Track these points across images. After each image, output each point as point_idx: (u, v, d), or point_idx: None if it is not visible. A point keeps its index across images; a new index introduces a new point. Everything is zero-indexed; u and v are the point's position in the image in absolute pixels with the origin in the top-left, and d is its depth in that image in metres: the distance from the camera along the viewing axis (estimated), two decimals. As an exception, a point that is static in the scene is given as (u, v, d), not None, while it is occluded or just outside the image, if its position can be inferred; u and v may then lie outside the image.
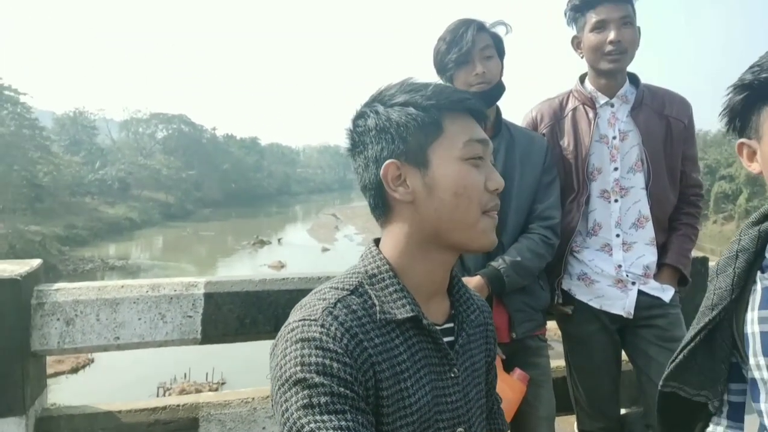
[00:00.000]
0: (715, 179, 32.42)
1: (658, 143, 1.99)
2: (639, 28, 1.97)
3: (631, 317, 1.95)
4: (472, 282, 1.80)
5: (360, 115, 0.98)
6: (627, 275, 1.96)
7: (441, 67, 1.96)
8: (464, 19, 1.95)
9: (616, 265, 1.98)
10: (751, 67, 0.96)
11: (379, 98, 0.97)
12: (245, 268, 24.03)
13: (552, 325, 2.16)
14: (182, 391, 10.99)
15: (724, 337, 1.06)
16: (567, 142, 2.04)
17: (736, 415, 1.11)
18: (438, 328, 0.96)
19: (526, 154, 1.97)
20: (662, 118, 2.00)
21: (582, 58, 2.04)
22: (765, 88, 0.94)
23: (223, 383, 11.47)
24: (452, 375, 0.95)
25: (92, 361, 12.33)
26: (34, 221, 28.88)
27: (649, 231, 1.99)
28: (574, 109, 2.06)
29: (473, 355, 1.02)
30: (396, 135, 0.93)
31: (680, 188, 2.06)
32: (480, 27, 1.93)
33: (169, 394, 10.91)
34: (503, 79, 1.98)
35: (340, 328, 0.85)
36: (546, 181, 1.98)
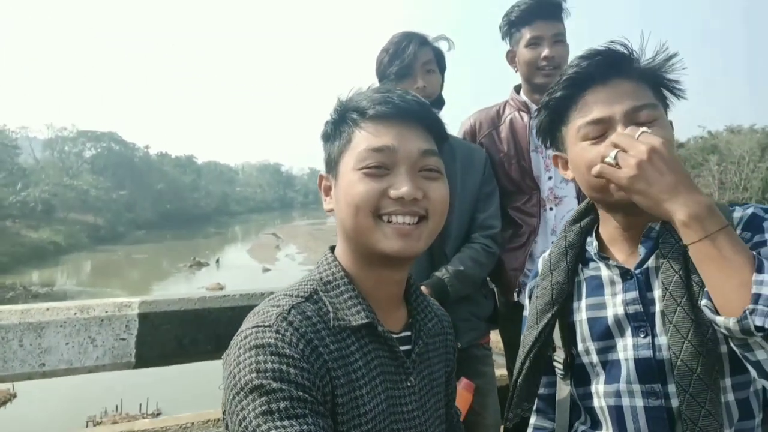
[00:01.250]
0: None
1: None
2: (568, 45, 2.07)
3: None
4: None
5: None
6: None
7: (382, 77, 1.98)
8: (407, 32, 1.99)
9: None
10: (547, 91, 1.08)
11: None
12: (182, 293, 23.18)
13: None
14: (114, 425, 10.38)
15: (551, 333, 1.11)
16: (507, 147, 2.10)
17: (549, 407, 1.17)
18: (395, 335, 0.94)
19: (467, 164, 2.01)
20: None
21: (516, 71, 2.11)
22: (560, 107, 1.05)
23: (158, 414, 10.91)
24: (408, 384, 0.94)
25: (14, 396, 11.46)
26: (-52, 247, 26.82)
27: None
28: (511, 117, 2.13)
29: (432, 364, 1.01)
30: (324, 147, 0.98)
31: None
32: (422, 42, 1.97)
33: (100, 428, 10.28)
34: (443, 93, 2.03)
35: (296, 333, 0.83)
36: (486, 191, 2.03)
